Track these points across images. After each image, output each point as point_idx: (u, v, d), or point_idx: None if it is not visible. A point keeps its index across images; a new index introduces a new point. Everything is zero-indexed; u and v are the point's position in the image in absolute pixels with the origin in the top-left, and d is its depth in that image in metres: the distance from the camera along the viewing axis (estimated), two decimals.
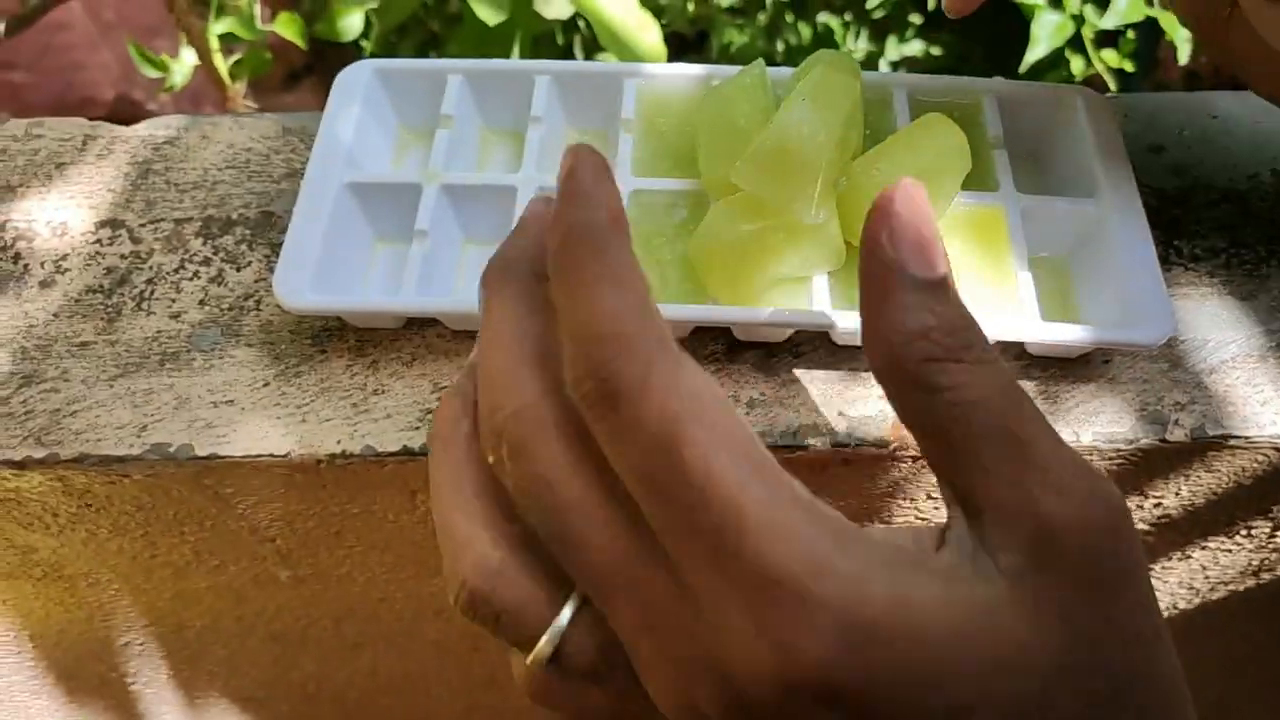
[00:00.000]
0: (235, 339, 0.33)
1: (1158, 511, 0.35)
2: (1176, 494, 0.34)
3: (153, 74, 0.77)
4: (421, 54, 1.02)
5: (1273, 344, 0.33)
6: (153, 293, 0.34)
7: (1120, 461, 0.32)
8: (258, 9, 0.82)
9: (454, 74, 0.36)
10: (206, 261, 0.35)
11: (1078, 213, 0.33)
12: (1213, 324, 0.33)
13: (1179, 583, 0.40)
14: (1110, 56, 0.99)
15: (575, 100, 0.37)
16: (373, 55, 1.06)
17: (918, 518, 0.35)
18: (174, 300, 0.34)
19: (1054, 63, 1.02)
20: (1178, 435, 0.31)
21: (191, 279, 0.35)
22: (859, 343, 0.29)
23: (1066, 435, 0.31)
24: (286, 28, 0.85)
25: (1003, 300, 0.31)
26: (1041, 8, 0.94)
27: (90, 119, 0.39)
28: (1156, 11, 0.88)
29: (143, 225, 0.36)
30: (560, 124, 0.37)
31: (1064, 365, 0.32)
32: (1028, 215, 0.33)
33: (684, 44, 1.29)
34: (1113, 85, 0.91)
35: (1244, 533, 0.37)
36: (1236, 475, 0.33)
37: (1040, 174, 0.36)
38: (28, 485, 0.32)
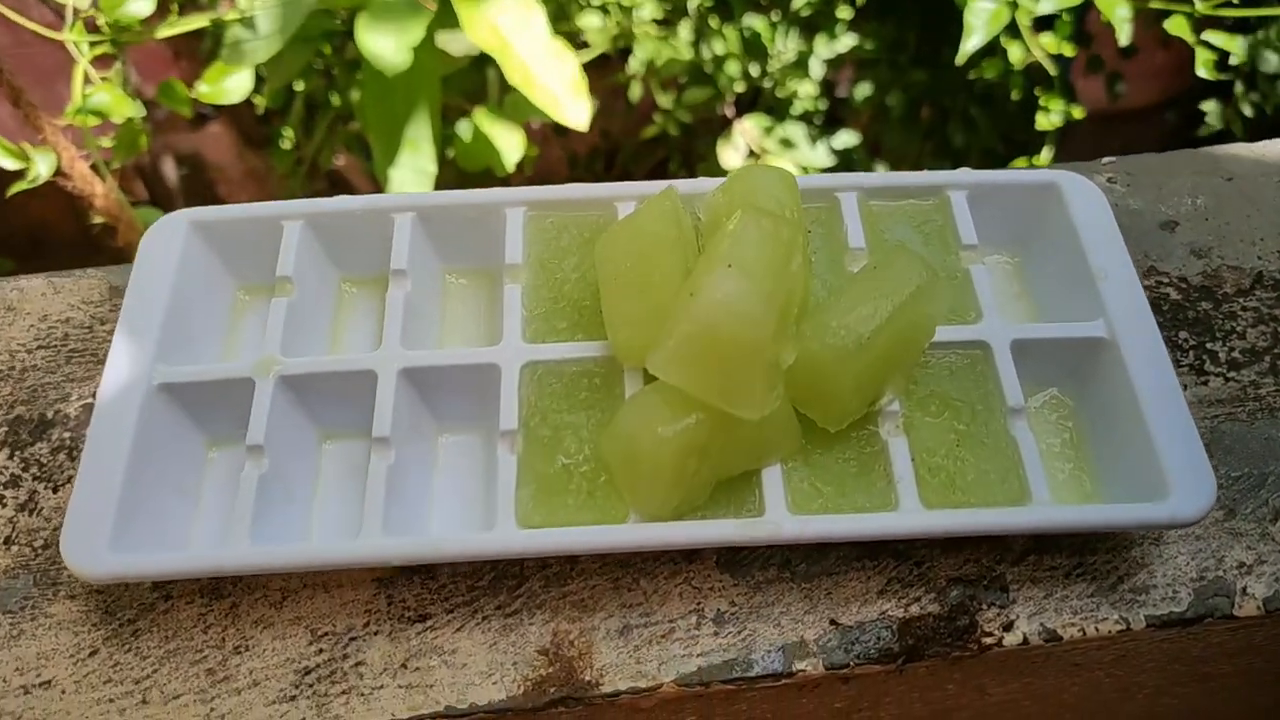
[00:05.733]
0: (53, 589, 0.26)
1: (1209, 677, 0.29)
2: (1232, 663, 0.28)
3: (12, 165, 0.68)
4: (319, 104, 0.93)
5: None
6: None
7: (1180, 643, 0.26)
8: (132, 76, 0.73)
9: (290, 220, 0.28)
10: (14, 482, 0.28)
11: (1081, 344, 0.26)
12: (1267, 450, 0.27)
13: None
14: (1048, 41, 0.94)
15: (447, 239, 0.29)
16: (267, 111, 0.97)
17: None
18: None
19: (990, 50, 0.97)
20: (1249, 609, 0.25)
21: None
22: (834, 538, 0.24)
23: (1113, 621, 0.25)
24: (169, 97, 0.76)
25: (1002, 475, 0.25)
26: None
27: None
28: None
29: None
30: (432, 269, 0.29)
31: None
32: (1020, 351, 0.26)
33: (606, 62, 1.22)
34: (1051, 69, 0.87)
35: None
36: None
37: (1026, 280, 0.29)
38: None
